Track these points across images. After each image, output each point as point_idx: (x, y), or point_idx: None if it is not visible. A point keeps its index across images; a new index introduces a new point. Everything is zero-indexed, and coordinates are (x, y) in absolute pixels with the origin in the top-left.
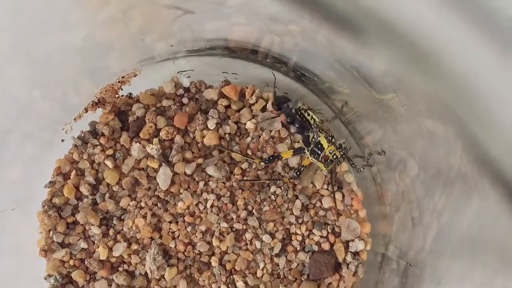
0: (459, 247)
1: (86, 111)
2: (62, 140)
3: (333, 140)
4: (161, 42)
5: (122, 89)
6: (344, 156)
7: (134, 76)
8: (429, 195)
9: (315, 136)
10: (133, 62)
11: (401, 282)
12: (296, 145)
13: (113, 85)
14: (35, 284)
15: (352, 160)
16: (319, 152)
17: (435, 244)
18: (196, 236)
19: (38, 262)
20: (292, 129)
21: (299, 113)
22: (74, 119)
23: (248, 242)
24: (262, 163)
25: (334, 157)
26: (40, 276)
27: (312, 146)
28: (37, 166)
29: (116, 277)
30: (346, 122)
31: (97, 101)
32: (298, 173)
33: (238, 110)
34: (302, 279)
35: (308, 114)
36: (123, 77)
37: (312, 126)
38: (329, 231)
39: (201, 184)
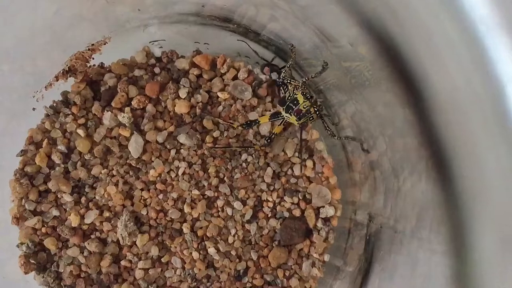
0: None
1: (57, 80)
2: (34, 109)
3: (310, 97)
4: (131, 8)
5: (93, 58)
6: (318, 113)
7: (104, 44)
8: (394, 171)
9: (291, 95)
10: (103, 30)
11: (366, 241)
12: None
13: (83, 52)
14: (7, 252)
15: (326, 121)
16: (294, 107)
17: (396, 210)
18: (168, 204)
19: (11, 230)
20: (274, 76)
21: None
22: (45, 87)
23: (219, 209)
24: (240, 128)
25: (308, 112)
26: (12, 244)
27: (287, 103)
28: (9, 136)
29: (88, 244)
30: (317, 91)
31: (67, 69)
32: (269, 140)
33: (210, 80)
34: (273, 245)
35: (289, 82)
36: (92, 44)
37: (289, 87)
38: (300, 198)
39: (173, 152)
